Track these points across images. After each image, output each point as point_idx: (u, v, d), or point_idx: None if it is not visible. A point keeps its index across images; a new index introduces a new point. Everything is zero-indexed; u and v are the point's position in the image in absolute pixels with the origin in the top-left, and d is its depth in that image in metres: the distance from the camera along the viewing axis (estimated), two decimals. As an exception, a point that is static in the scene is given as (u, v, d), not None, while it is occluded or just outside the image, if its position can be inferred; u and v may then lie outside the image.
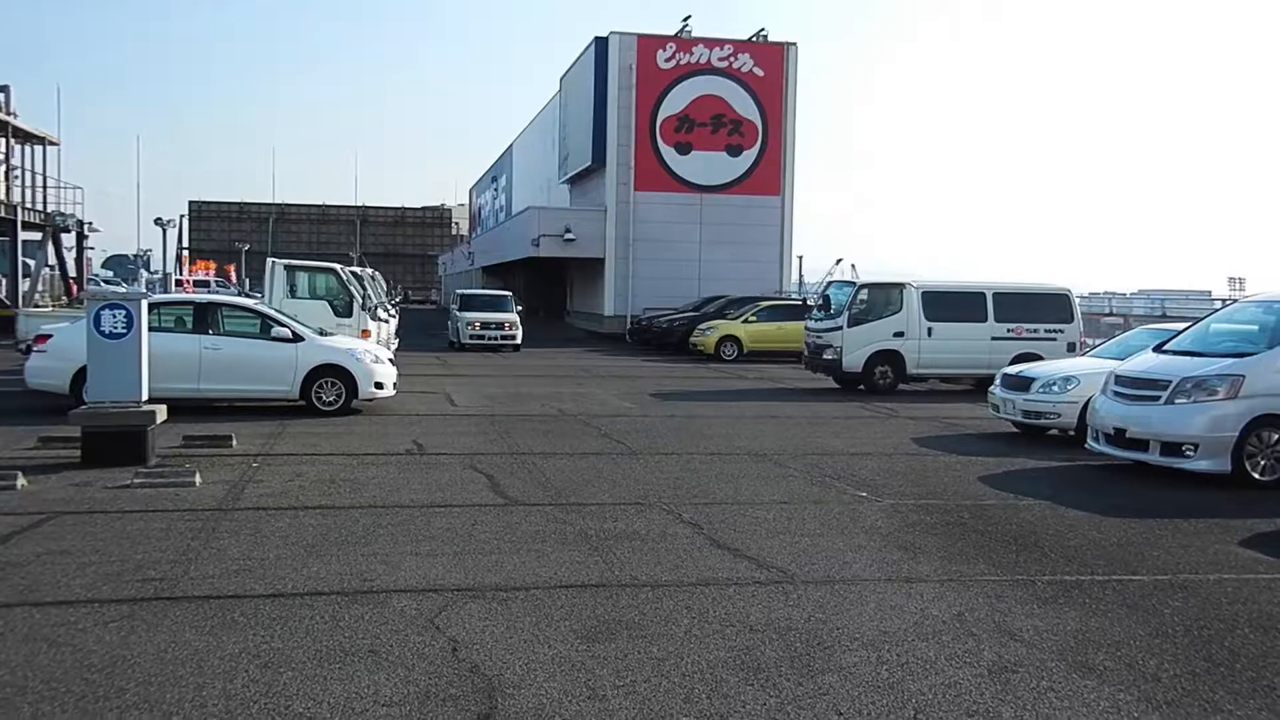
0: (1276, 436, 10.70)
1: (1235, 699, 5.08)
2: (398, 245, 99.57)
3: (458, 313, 32.05)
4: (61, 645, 5.42)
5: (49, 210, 38.67)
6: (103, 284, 52.78)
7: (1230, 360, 11.10)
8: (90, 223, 42.66)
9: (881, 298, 21.15)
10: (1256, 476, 10.66)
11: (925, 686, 5.14)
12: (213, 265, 67.56)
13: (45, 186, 39.35)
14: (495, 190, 73.06)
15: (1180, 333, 12.74)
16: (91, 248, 51.06)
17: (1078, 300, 22.53)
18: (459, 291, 34.84)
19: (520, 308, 33.37)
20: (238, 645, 5.46)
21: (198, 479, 9.85)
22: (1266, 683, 5.30)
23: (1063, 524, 8.94)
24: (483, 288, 43.69)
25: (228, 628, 5.74)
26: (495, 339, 31.17)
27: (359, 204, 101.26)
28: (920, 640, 5.83)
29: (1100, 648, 5.78)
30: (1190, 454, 10.75)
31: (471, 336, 31.08)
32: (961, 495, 10.19)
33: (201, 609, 6.07)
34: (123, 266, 76.94)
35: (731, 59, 40.48)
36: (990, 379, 16.49)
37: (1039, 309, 21.20)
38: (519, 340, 31.37)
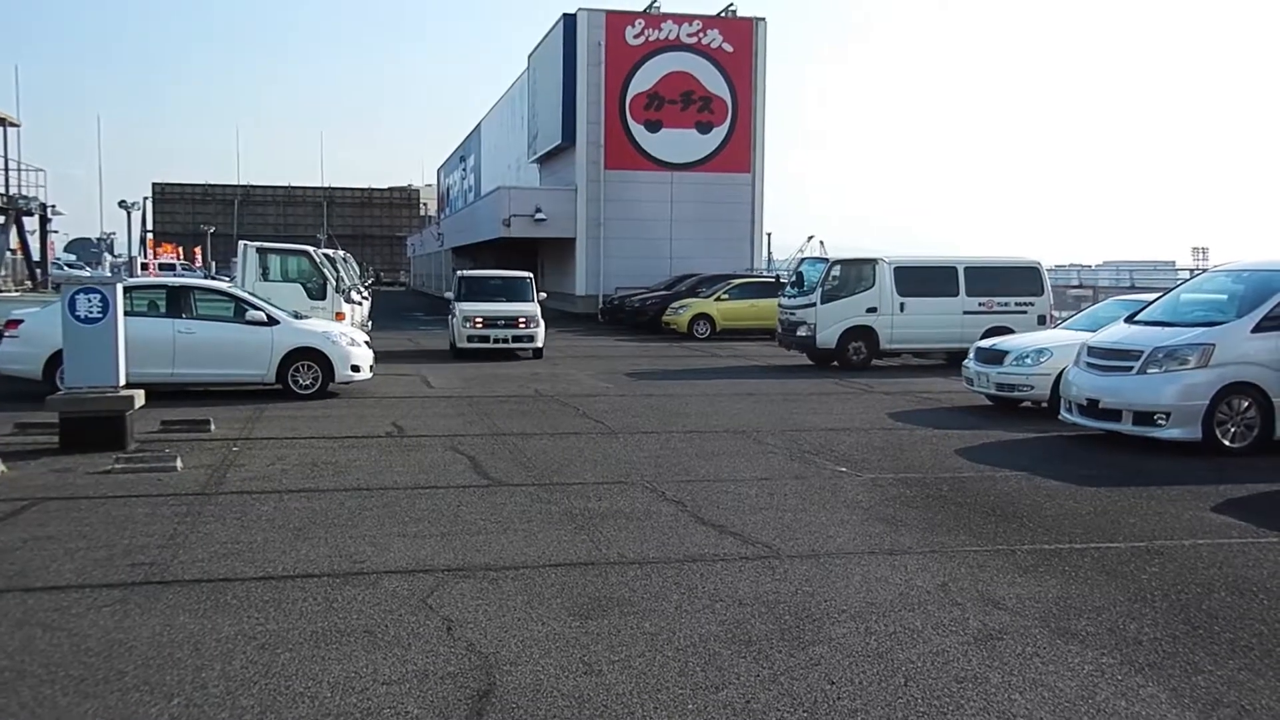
0: (1246, 404, 10.92)
1: (1215, 660, 5.23)
2: (365, 227, 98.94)
3: (456, 303, 22.97)
4: (57, 629, 5.42)
5: (11, 193, 38.08)
6: (66, 268, 52.13)
7: (1200, 329, 11.30)
8: (54, 206, 42.11)
9: (854, 274, 21.28)
10: (1227, 444, 10.88)
11: (914, 655, 5.25)
12: (176, 249, 66.74)
13: (6, 169, 38.75)
14: (464, 170, 72.62)
15: (1151, 303, 12.94)
16: (55, 231, 50.36)
17: (1047, 273, 22.76)
18: (460, 273, 25.01)
19: (544, 295, 24.12)
20: (233, 627, 5.48)
21: (179, 464, 9.82)
22: (1244, 644, 5.46)
23: (1040, 494, 9.10)
24: (491, 267, 32.36)
25: (221, 610, 5.76)
26: (506, 340, 21.97)
27: (325, 185, 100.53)
28: (906, 610, 5.93)
29: (1082, 614, 5.91)
30: (1162, 423, 10.95)
31: (472, 338, 21.94)
32: (940, 468, 10.33)
33: (194, 592, 6.09)
34: (86, 250, 75.97)
35: (700, 35, 40.37)
36: (962, 353, 16.70)
37: (1009, 282, 21.41)
38: (541, 342, 22.29)
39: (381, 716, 4.44)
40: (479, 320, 22.04)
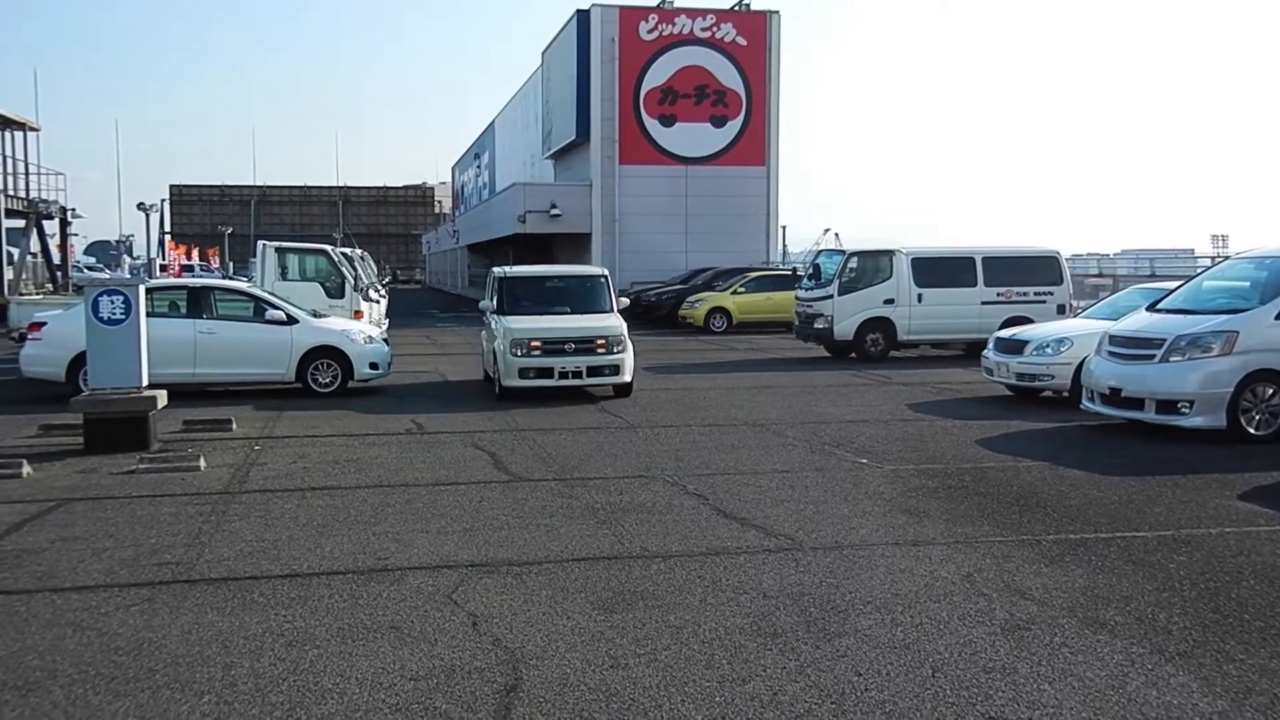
0: (1271, 391, 10.82)
1: (1246, 648, 5.19)
2: (381, 225, 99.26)
3: (497, 318, 15.42)
4: (86, 629, 5.46)
5: (31, 197, 38.35)
6: (86, 270, 52.48)
7: (1224, 317, 11.20)
8: (73, 209, 42.36)
9: (871, 265, 21.21)
10: (1252, 431, 10.79)
11: (941, 646, 5.23)
12: (180, 250, 67.00)
13: (27, 173, 39.00)
14: (478, 167, 72.68)
15: (1173, 291, 12.84)
16: (75, 234, 50.71)
17: (1066, 262, 22.62)
18: (501, 273, 16.75)
19: (627, 301, 17.43)
20: (260, 625, 5.51)
21: (202, 463, 9.87)
22: (1276, 631, 5.41)
23: (1063, 484, 9.05)
24: (507, 264, 23.12)
25: (249, 608, 5.79)
26: (578, 374, 14.59)
27: (341, 184, 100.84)
28: (932, 601, 5.91)
29: (1110, 603, 5.88)
30: (1186, 411, 10.87)
31: (527, 372, 14.52)
32: (961, 459, 10.29)
33: (221, 590, 6.12)
34: (105, 253, 76.47)
35: (714, 29, 40.27)
36: (981, 344, 16.61)
37: (1028, 272, 21.29)
38: (629, 374, 14.96)
39: (410, 712, 4.45)
40: (537, 345, 14.42)
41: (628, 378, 14.89)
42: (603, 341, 14.69)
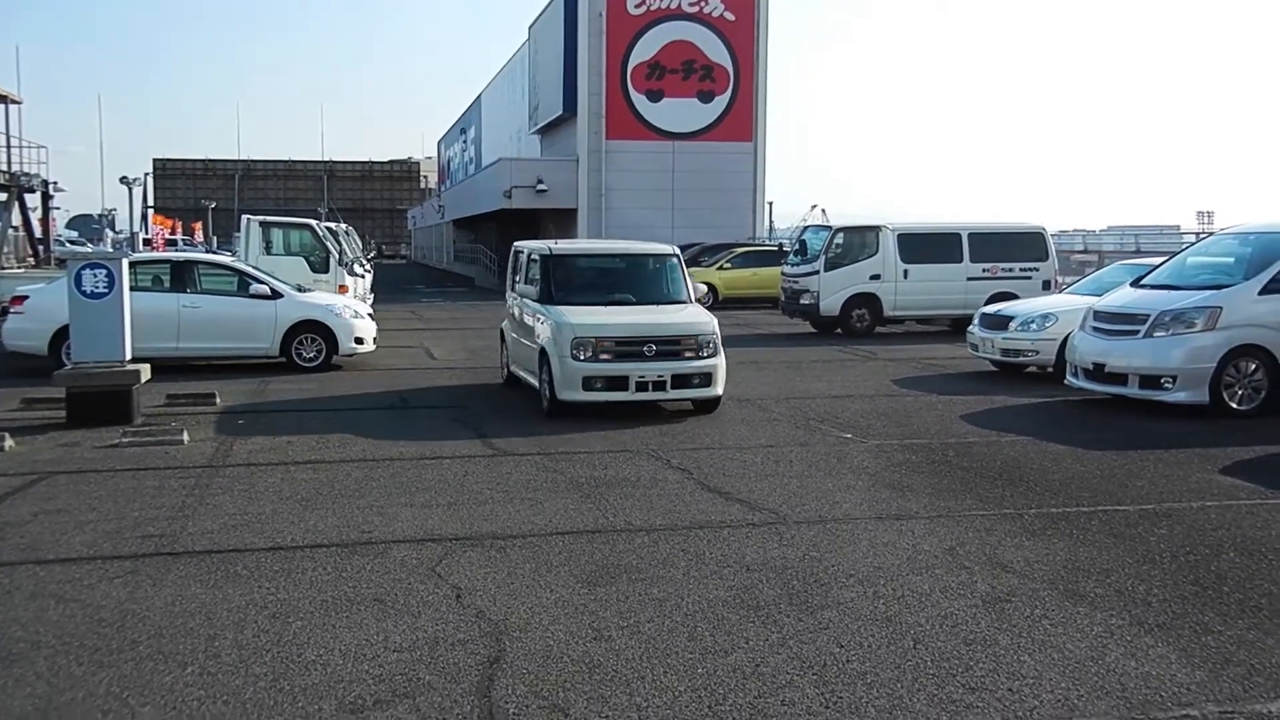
0: (1254, 366, 10.89)
1: (1225, 620, 5.24)
2: (366, 200, 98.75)
3: (545, 309, 11.83)
4: (70, 601, 5.45)
5: (12, 170, 37.97)
6: (68, 244, 52.08)
7: (1207, 292, 11.25)
8: (55, 182, 41.98)
9: (857, 241, 21.21)
10: (1234, 406, 10.87)
11: (922, 618, 5.26)
12: (171, 223, 66.52)
13: (9, 146, 38.61)
14: (464, 142, 72.28)
15: (1157, 267, 12.89)
16: (57, 208, 50.25)
17: (1052, 238, 22.67)
18: (545, 250, 12.77)
19: (705, 289, 15.75)
20: (244, 597, 5.50)
21: (185, 437, 9.84)
22: (1254, 604, 5.46)
23: (1046, 458, 9.09)
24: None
25: (232, 580, 5.78)
26: (661, 385, 11.16)
27: (326, 159, 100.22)
28: (914, 574, 5.94)
29: (1090, 576, 5.92)
30: (1169, 386, 10.93)
31: (594, 382, 11.05)
32: (945, 434, 10.33)
33: (204, 563, 6.11)
34: (88, 226, 75.63)
35: (702, 4, 40.00)
36: (966, 319, 16.66)
37: (1014, 248, 21.34)
38: (720, 387, 11.57)
39: (394, 683, 4.46)
40: (608, 347, 11.04)
41: (719, 390, 11.47)
42: (691, 342, 11.28)
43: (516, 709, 4.23)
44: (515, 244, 14.00)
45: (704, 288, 13.66)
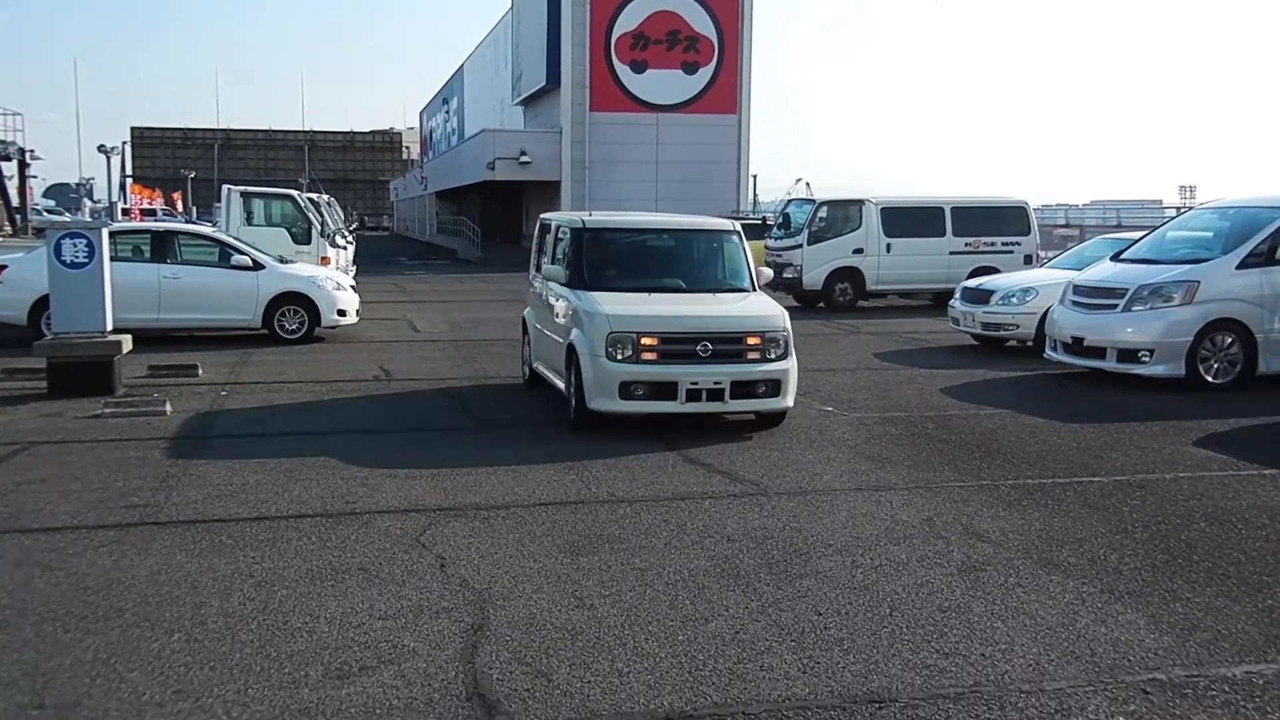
0: (1229, 340, 11.02)
1: (1193, 587, 5.36)
2: (348, 171, 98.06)
3: (578, 296, 9.59)
4: (55, 569, 5.48)
5: (-12, 139, 37.59)
6: (45, 213, 51.57)
7: (1186, 267, 11.36)
8: (32, 150, 41.60)
9: (841, 215, 21.26)
10: (1210, 380, 11.00)
11: (899, 586, 5.36)
12: (153, 193, 65.89)
13: (-17, 115, 38.21)
14: (447, 113, 71.84)
15: (1137, 241, 12.99)
16: (34, 176, 49.78)
17: (1034, 213, 22.77)
18: (578, 223, 10.47)
19: (770, 272, 11.34)
20: (229, 566, 5.55)
21: (168, 408, 9.84)
22: (1222, 571, 5.58)
23: (1024, 431, 9.20)
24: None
25: (217, 550, 5.83)
26: (718, 393, 8.89)
27: (307, 129, 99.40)
28: (892, 544, 6.04)
29: (1064, 545, 6.03)
30: (1146, 359, 11.05)
31: (638, 389, 8.86)
32: (925, 407, 10.43)
33: (189, 533, 6.14)
34: (65, 195, 74.77)
35: (686, -27, 39.82)
36: (948, 294, 16.75)
37: (996, 222, 21.43)
38: (791, 397, 9.34)
39: (379, 650, 4.52)
40: (652, 343, 9.04)
41: (789, 400, 9.29)
42: (757, 341, 9.09)
43: (500, 675, 4.30)
44: (542, 217, 11.78)
45: (769, 272, 11.07)
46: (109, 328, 10.96)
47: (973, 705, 4.07)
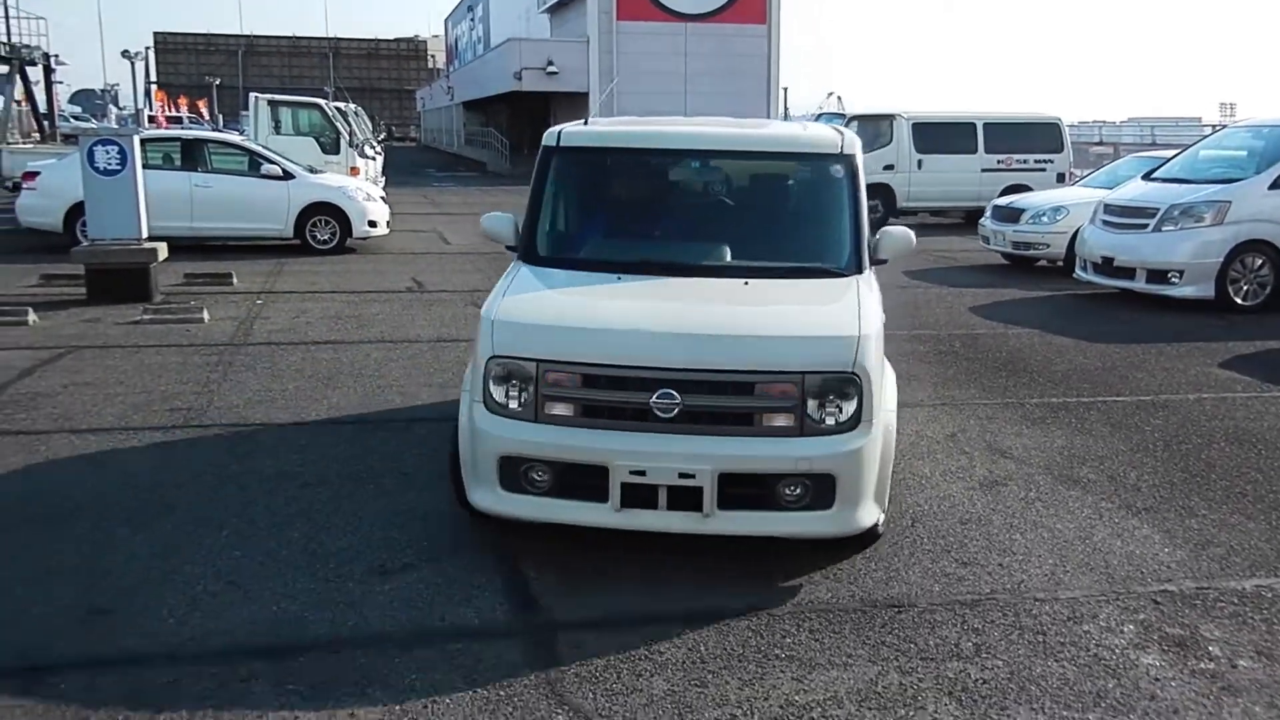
0: (1260, 262, 10.96)
1: (1209, 505, 5.47)
2: (373, 80, 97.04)
3: (509, 278, 5.18)
4: (106, 466, 5.71)
5: (13, 42, 37.39)
6: (72, 120, 51.55)
7: (1218, 186, 11.25)
8: (57, 55, 41.36)
9: (871, 130, 20.96)
10: (1239, 301, 10.97)
11: (921, 499, 5.50)
12: (181, 100, 65.57)
13: (7, 17, 37.99)
14: (472, 20, 70.72)
15: (1169, 160, 12.84)
16: (60, 81, 49.64)
17: (1067, 129, 22.42)
18: (547, 138, 5.66)
19: (897, 228, 6.15)
20: (273, 467, 5.76)
21: (206, 315, 10.03)
22: (1239, 490, 5.69)
23: (1051, 350, 9.26)
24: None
25: (260, 452, 6.03)
26: (680, 488, 4.30)
27: (330, 35, 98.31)
28: (916, 459, 6.17)
29: (1085, 463, 6.14)
30: (1175, 280, 11.02)
31: (524, 469, 4.42)
32: (953, 325, 10.48)
33: (232, 435, 6.35)
34: (90, 101, 74.74)
35: (718, -123, 38.76)
36: (979, 211, 16.63)
37: (1029, 139, 21.12)
38: (868, 506, 4.49)
39: (420, 549, 4.71)
40: (570, 379, 4.45)
41: (866, 515, 4.53)
42: (779, 388, 4.44)
43: (537, 570, 4.49)
44: (546, 134, 5.87)
45: (902, 232, 6.37)
46: (144, 235, 11.12)
47: (988, 611, 4.23)
